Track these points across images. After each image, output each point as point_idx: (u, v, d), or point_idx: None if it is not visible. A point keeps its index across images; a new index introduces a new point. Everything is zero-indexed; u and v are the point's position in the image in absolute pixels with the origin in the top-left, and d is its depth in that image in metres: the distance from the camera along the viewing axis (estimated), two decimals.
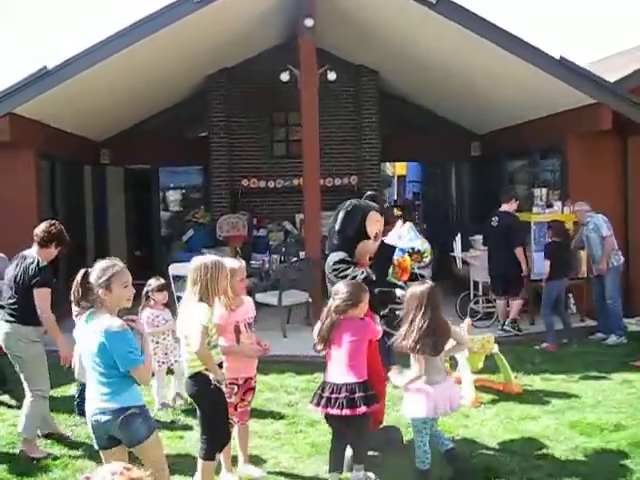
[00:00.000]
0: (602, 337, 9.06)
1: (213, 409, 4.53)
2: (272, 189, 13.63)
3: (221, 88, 13.30)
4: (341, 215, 5.19)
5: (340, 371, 4.65)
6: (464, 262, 10.62)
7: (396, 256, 5.40)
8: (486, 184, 13.61)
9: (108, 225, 13.94)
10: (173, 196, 16.11)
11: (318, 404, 4.69)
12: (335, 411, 4.57)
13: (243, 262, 5.22)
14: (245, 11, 10.18)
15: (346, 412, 4.52)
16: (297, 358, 8.15)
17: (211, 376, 4.43)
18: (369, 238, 5.16)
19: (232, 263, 5.02)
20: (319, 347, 4.75)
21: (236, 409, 4.95)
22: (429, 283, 4.74)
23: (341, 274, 5.03)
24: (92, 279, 3.81)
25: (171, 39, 9.19)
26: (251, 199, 13.62)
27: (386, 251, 5.41)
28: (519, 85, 10.26)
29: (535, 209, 10.18)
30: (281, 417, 6.32)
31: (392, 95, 13.91)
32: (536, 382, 7.32)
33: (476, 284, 10.36)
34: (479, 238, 10.48)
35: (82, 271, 3.88)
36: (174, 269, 9.34)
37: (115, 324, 3.71)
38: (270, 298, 9.52)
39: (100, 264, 3.87)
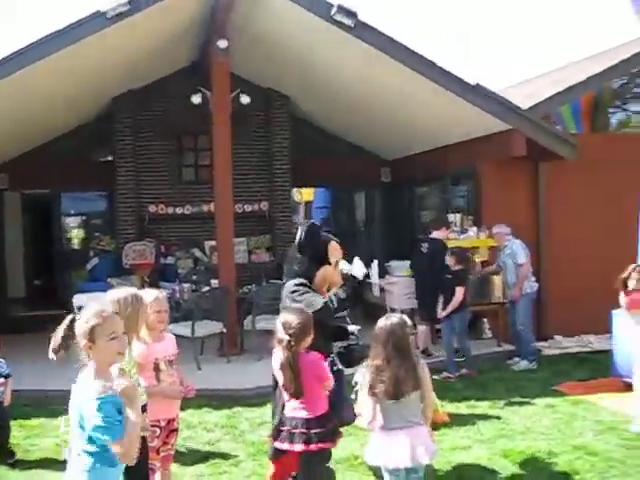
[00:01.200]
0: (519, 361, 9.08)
1: None
2: (180, 215, 13.22)
3: (128, 110, 12.79)
4: (300, 233, 4.72)
5: (296, 405, 4.25)
6: (381, 289, 10.47)
7: None
8: (397, 210, 13.59)
9: (5, 252, 13.13)
10: (75, 222, 15.34)
11: (276, 439, 4.31)
12: (285, 446, 4.23)
13: (164, 292, 4.85)
14: (156, 30, 9.78)
15: (299, 448, 4.15)
16: (215, 392, 7.73)
17: None
18: (329, 264, 4.77)
19: (151, 294, 4.65)
20: (299, 393, 4.19)
21: (158, 453, 4.53)
22: (397, 317, 4.33)
23: (300, 297, 4.53)
24: (76, 329, 3.19)
25: (78, 57, 8.68)
26: (158, 225, 13.12)
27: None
28: (432, 111, 10.27)
29: (450, 235, 10.12)
30: (203, 457, 5.91)
31: (303, 120, 13.76)
32: (462, 409, 7.20)
33: (393, 311, 10.19)
34: (396, 265, 10.37)
35: (68, 318, 3.25)
36: (79, 300, 8.75)
37: (93, 392, 3.03)
38: (182, 329, 9.04)
39: (86, 310, 3.23)
